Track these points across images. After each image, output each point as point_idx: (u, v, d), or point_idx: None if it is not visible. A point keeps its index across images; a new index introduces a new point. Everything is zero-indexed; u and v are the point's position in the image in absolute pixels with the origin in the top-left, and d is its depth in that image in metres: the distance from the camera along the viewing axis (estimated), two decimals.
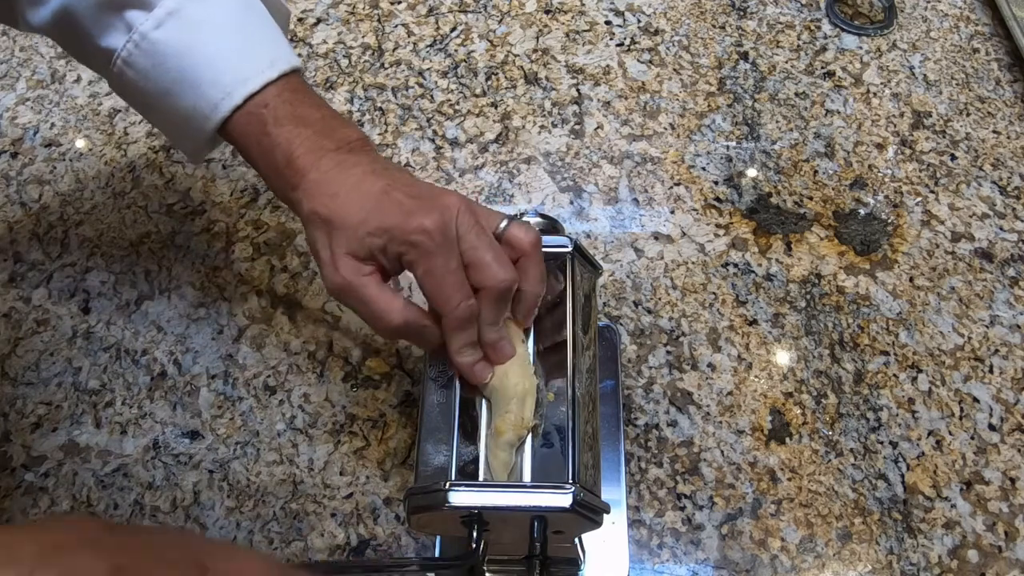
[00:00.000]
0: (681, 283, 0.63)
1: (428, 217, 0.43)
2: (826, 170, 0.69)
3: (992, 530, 0.53)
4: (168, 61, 0.46)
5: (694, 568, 0.52)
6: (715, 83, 0.74)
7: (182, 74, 0.46)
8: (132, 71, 0.47)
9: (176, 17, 0.46)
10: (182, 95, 0.47)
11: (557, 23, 0.78)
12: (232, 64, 0.47)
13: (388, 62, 0.75)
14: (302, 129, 0.47)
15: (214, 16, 0.47)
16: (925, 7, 0.80)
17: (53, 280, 0.64)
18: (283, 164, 0.47)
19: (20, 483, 0.55)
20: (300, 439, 0.57)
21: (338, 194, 0.45)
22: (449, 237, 0.43)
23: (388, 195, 0.45)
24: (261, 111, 0.47)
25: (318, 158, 0.46)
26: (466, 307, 0.44)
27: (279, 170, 0.47)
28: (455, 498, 0.41)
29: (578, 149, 0.70)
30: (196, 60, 0.46)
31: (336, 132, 0.48)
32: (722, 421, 0.57)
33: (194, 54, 0.46)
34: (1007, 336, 0.61)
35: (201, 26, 0.47)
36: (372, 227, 0.44)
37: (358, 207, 0.45)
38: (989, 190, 0.68)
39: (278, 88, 0.47)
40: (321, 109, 0.49)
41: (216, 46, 0.47)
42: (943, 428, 0.57)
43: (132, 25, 0.46)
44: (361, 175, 0.46)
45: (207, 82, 0.46)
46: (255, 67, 0.47)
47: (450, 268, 0.44)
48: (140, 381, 0.59)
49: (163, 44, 0.46)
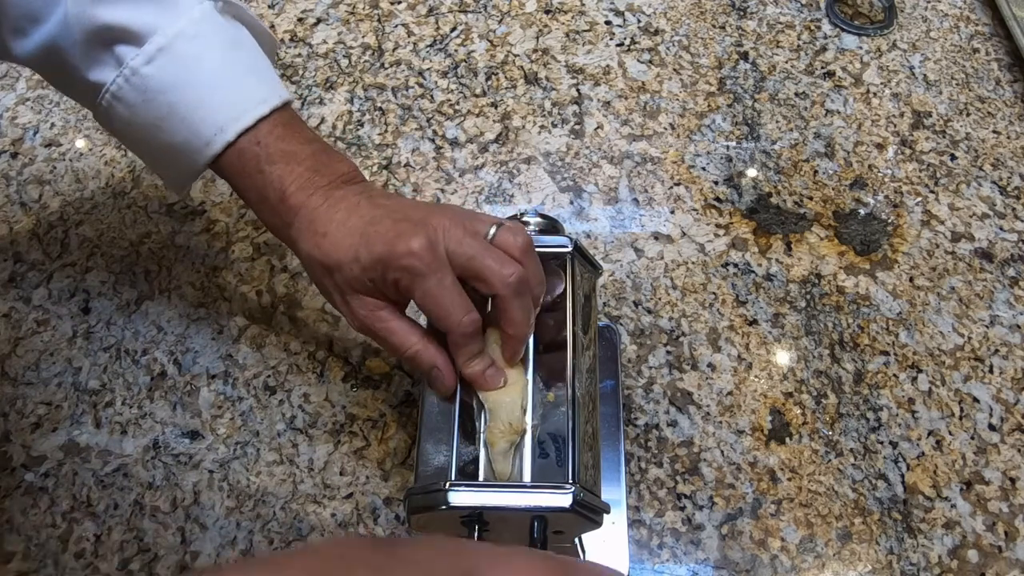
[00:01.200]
0: (681, 283, 0.63)
1: (414, 239, 0.43)
2: (826, 170, 0.69)
3: (992, 530, 0.53)
4: (159, 97, 0.46)
5: (694, 568, 0.52)
6: (715, 83, 0.74)
7: (173, 110, 0.46)
8: (121, 105, 0.47)
9: (167, 53, 0.46)
10: (172, 131, 0.47)
11: (557, 23, 0.78)
12: (224, 100, 0.47)
13: (388, 62, 0.75)
14: (294, 166, 0.47)
15: (205, 52, 0.47)
16: (925, 7, 0.80)
17: (53, 280, 0.64)
18: (276, 202, 0.47)
19: (20, 483, 0.55)
20: (300, 439, 0.57)
21: (328, 233, 0.46)
22: (439, 255, 0.43)
23: (374, 226, 0.45)
24: (253, 148, 0.47)
25: (308, 195, 0.46)
26: (469, 321, 0.44)
27: (273, 207, 0.47)
28: (455, 498, 0.42)
29: (578, 149, 0.70)
30: (187, 96, 0.46)
31: (327, 166, 0.48)
32: (722, 421, 0.57)
33: (185, 90, 0.46)
34: (1007, 336, 0.61)
35: (192, 62, 0.47)
36: (365, 262, 0.44)
37: (348, 244, 0.45)
38: (989, 190, 0.68)
39: (270, 124, 0.47)
40: (312, 144, 0.49)
41: (207, 82, 0.47)
42: (943, 428, 0.57)
43: (122, 60, 0.46)
44: (348, 210, 0.46)
45: (198, 118, 0.46)
46: (247, 103, 0.47)
47: (445, 285, 0.43)
48: (140, 381, 0.59)
49: (154, 80, 0.46)
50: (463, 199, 0.67)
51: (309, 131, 0.50)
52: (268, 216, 0.49)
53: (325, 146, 0.49)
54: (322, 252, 0.46)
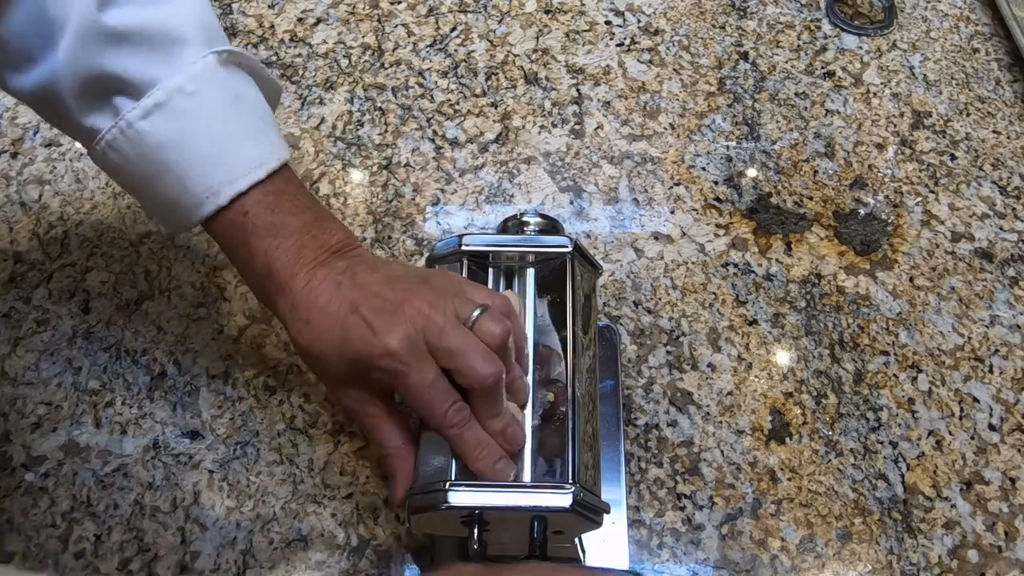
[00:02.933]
0: (681, 283, 0.63)
1: (391, 336, 0.42)
2: (826, 170, 0.69)
3: (992, 530, 0.53)
4: (153, 153, 0.45)
5: (694, 568, 0.52)
6: (715, 83, 0.74)
7: (167, 168, 0.46)
8: (116, 155, 0.46)
9: (164, 110, 0.45)
10: (166, 187, 0.46)
11: (557, 23, 0.78)
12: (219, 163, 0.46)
13: (388, 62, 0.75)
14: (281, 240, 0.46)
15: (203, 110, 0.46)
16: (925, 7, 0.80)
17: (53, 280, 0.64)
18: (263, 277, 0.47)
19: (20, 483, 0.55)
20: (300, 439, 0.57)
21: (310, 321, 0.45)
22: (418, 351, 0.43)
23: (353, 316, 0.44)
24: (242, 219, 0.46)
25: (292, 275, 0.46)
26: (455, 410, 0.43)
27: (260, 282, 0.47)
28: (455, 498, 0.42)
29: (578, 149, 0.70)
30: (182, 155, 0.45)
31: (316, 239, 0.47)
32: (722, 421, 0.57)
33: (180, 149, 0.45)
34: (1007, 336, 0.61)
35: (189, 121, 0.45)
36: (347, 359, 0.44)
37: (328, 338, 0.44)
38: (989, 190, 0.68)
39: (262, 191, 0.47)
40: (304, 213, 0.48)
41: (203, 142, 0.46)
42: (943, 428, 0.57)
43: (119, 111, 0.45)
44: (330, 293, 0.45)
45: (192, 179, 0.46)
46: (242, 167, 0.46)
47: (427, 382, 0.43)
48: (140, 381, 0.59)
49: (149, 135, 0.45)
50: (463, 199, 0.67)
51: (304, 196, 0.49)
52: (258, 289, 0.49)
53: (317, 215, 0.48)
54: (306, 341, 0.45)
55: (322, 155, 0.69)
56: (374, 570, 0.52)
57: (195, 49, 0.46)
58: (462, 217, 0.66)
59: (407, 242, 0.65)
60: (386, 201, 0.67)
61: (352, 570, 0.52)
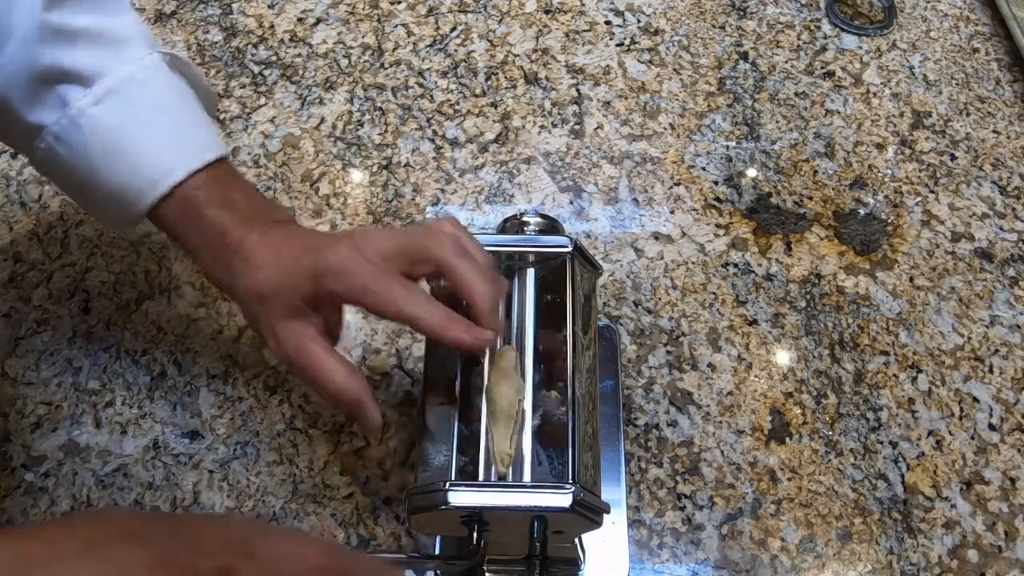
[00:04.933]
0: (681, 283, 0.63)
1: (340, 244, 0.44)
2: (826, 170, 0.69)
3: (992, 530, 0.53)
4: (104, 138, 0.46)
5: (694, 568, 0.52)
6: (715, 83, 0.74)
7: (117, 152, 0.47)
8: (63, 146, 0.47)
9: (116, 95, 0.46)
10: (115, 172, 0.47)
11: (557, 23, 0.78)
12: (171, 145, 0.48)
13: (388, 62, 0.75)
14: (234, 211, 0.48)
15: (153, 97, 0.48)
16: (925, 7, 0.80)
17: (53, 280, 0.64)
18: (216, 243, 0.47)
19: (20, 483, 0.55)
20: (300, 439, 0.57)
21: (263, 266, 0.46)
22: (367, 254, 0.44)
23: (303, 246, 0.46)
24: (195, 193, 0.48)
25: (247, 233, 0.47)
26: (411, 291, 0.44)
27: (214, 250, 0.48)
28: (455, 498, 0.41)
29: (578, 149, 0.70)
30: (133, 139, 0.47)
31: (265, 212, 0.49)
32: (722, 421, 0.57)
33: (131, 132, 0.47)
34: (1007, 336, 0.61)
35: (140, 106, 0.47)
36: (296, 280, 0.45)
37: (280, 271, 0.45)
38: (989, 190, 0.68)
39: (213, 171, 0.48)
40: (249, 194, 0.50)
41: (154, 126, 0.47)
42: (943, 428, 0.57)
43: (67, 101, 0.46)
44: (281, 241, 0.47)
45: (144, 161, 0.47)
46: (194, 148, 0.48)
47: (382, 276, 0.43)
48: (140, 381, 0.59)
49: (100, 121, 0.46)
50: (463, 199, 0.67)
51: (247, 184, 0.51)
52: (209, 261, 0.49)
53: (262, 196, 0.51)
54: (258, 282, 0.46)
55: (322, 155, 0.69)
56: None
57: (139, 47, 0.48)
58: (462, 217, 0.66)
59: None
60: (386, 201, 0.67)
61: None
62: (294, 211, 0.66)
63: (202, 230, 0.48)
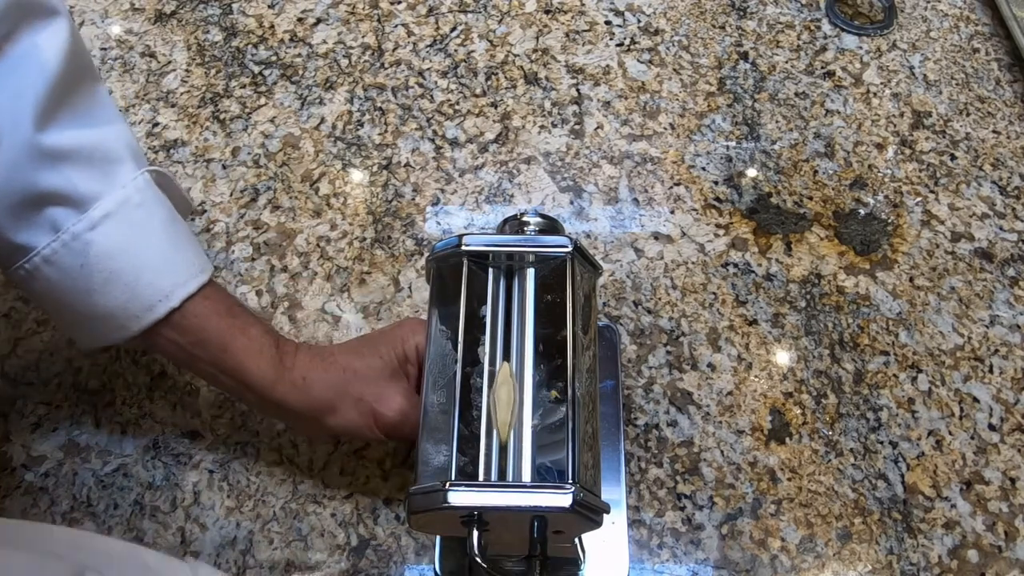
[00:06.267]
0: (681, 283, 0.63)
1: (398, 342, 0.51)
2: (826, 170, 0.69)
3: (992, 530, 0.53)
4: (101, 262, 0.46)
5: (694, 568, 0.52)
6: (715, 83, 0.74)
7: (114, 276, 0.46)
8: (53, 269, 0.46)
9: (113, 219, 0.46)
10: (109, 296, 0.46)
11: (557, 23, 0.78)
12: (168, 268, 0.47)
13: (388, 62, 0.75)
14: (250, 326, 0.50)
15: (149, 219, 0.48)
16: (925, 7, 0.80)
17: None
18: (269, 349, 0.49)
19: (20, 483, 0.55)
20: (300, 439, 0.57)
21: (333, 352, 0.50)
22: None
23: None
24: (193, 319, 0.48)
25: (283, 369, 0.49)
26: None
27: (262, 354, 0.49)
28: (455, 498, 0.41)
29: (578, 149, 0.70)
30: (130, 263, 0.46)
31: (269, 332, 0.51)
32: (722, 421, 0.57)
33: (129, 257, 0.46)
34: (1007, 336, 0.61)
35: (139, 229, 0.47)
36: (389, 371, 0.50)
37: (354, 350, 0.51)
38: (989, 190, 0.68)
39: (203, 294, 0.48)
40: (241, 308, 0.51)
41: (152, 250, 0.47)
42: (943, 428, 0.57)
43: (59, 225, 0.45)
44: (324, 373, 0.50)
45: (142, 286, 0.46)
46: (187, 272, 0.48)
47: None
48: (140, 381, 0.59)
49: (96, 245, 0.45)
50: (463, 199, 0.67)
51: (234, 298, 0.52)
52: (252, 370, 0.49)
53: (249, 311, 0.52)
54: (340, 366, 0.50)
55: (322, 155, 0.69)
56: (374, 570, 0.52)
57: (130, 167, 0.47)
58: (462, 217, 0.66)
59: (407, 242, 0.65)
60: (386, 201, 0.67)
61: (352, 570, 0.52)
62: (294, 211, 0.66)
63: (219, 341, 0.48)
